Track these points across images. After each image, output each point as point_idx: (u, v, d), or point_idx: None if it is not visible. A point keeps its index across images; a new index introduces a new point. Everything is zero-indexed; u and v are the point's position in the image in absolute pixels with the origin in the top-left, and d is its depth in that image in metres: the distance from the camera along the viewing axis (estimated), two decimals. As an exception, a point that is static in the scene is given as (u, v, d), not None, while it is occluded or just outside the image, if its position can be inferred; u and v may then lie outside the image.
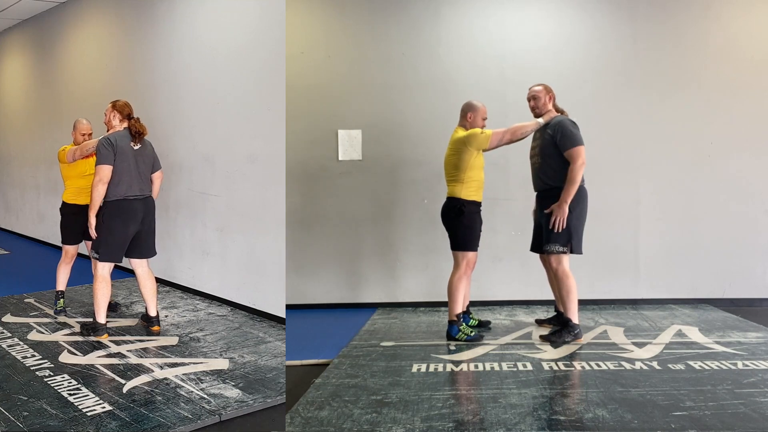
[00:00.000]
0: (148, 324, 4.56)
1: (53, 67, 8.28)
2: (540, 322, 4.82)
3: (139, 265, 4.52)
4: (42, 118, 8.63)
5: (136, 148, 4.39)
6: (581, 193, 4.35)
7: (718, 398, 3.19)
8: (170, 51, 5.88)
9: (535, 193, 4.58)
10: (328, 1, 5.73)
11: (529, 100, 4.47)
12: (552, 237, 4.29)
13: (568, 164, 4.24)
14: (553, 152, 4.28)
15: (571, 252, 4.31)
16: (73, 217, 4.89)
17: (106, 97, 6.92)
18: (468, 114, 4.45)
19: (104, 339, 4.31)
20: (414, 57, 5.63)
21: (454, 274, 4.41)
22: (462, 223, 4.37)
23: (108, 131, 4.45)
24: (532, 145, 4.55)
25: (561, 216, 4.22)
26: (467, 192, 4.37)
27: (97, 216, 4.33)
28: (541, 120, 4.37)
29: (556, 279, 4.37)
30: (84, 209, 4.91)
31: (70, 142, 5.10)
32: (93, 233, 4.30)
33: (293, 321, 5.07)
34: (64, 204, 4.91)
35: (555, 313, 4.76)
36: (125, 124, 4.39)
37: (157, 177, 4.60)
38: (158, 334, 4.46)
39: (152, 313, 4.55)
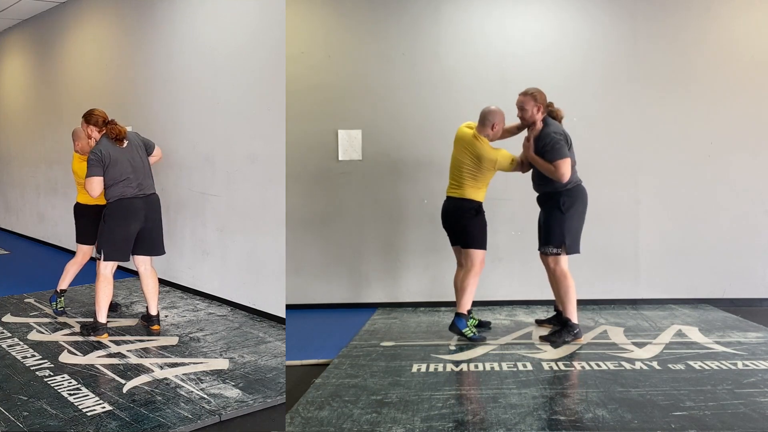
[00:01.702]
0: (148, 323, 4.57)
1: (53, 67, 8.28)
2: (540, 323, 4.82)
3: (142, 262, 4.52)
4: (42, 118, 8.63)
5: (123, 147, 4.38)
6: (578, 192, 4.36)
7: (718, 398, 3.19)
8: (170, 51, 5.88)
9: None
10: (328, 1, 5.73)
11: (517, 108, 4.40)
12: (547, 238, 4.33)
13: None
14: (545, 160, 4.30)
15: (567, 252, 4.32)
16: (88, 219, 4.87)
17: (106, 97, 6.94)
18: (494, 124, 4.36)
19: (104, 339, 4.31)
20: (414, 57, 5.63)
21: (470, 271, 4.40)
22: (477, 223, 4.40)
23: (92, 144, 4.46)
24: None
25: (526, 150, 4.35)
26: (479, 194, 4.42)
27: (100, 216, 4.40)
28: (526, 143, 4.39)
29: (554, 279, 4.38)
30: (96, 209, 4.90)
31: (68, 141, 5.09)
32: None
33: (293, 321, 5.07)
34: (77, 204, 4.92)
35: (555, 313, 4.76)
36: (102, 132, 4.39)
37: (155, 155, 4.67)
38: (158, 333, 4.46)
39: (153, 312, 4.55)
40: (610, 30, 5.52)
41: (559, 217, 4.30)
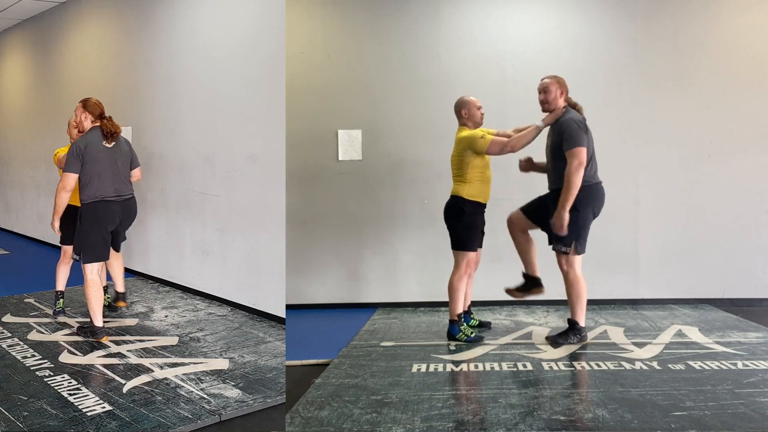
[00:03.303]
0: (116, 299, 4.88)
1: (53, 67, 8.28)
2: (510, 291, 4.63)
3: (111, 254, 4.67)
4: (42, 118, 8.63)
5: (109, 146, 4.32)
6: (594, 191, 4.26)
7: (718, 398, 3.19)
8: (170, 51, 5.88)
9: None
10: (328, 1, 5.73)
11: (539, 92, 4.32)
12: (558, 236, 4.22)
13: None
14: (561, 153, 4.18)
15: (576, 252, 4.25)
16: (72, 218, 4.88)
17: (105, 98, 6.91)
18: (462, 111, 4.43)
19: (105, 341, 4.30)
20: (414, 57, 5.63)
21: (454, 274, 4.40)
22: (462, 223, 4.36)
23: (78, 133, 4.41)
24: (546, 143, 4.47)
25: (560, 223, 4.09)
26: (469, 191, 4.35)
27: (76, 219, 4.38)
28: (540, 123, 4.28)
29: (567, 281, 4.27)
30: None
31: (67, 142, 5.11)
32: (56, 231, 4.51)
33: (293, 321, 5.07)
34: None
35: (524, 281, 4.61)
36: (97, 124, 4.34)
37: (134, 175, 4.60)
38: (124, 309, 4.82)
39: (120, 288, 4.86)
40: (610, 30, 5.52)
41: (573, 215, 4.16)
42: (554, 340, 4.28)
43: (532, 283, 4.56)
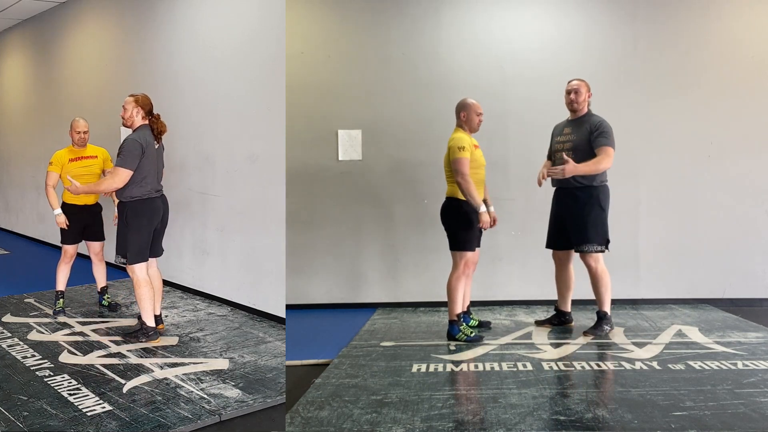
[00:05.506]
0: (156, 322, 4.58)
1: (53, 67, 8.28)
2: (540, 323, 4.82)
3: (150, 264, 4.48)
4: (42, 118, 8.63)
5: (156, 146, 4.31)
6: (608, 191, 4.44)
7: (718, 398, 3.19)
8: (170, 51, 5.88)
9: (554, 189, 4.61)
10: (328, 1, 5.73)
11: (569, 92, 4.46)
12: (587, 237, 4.35)
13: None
14: (588, 148, 4.32)
15: (605, 248, 4.41)
16: (72, 217, 4.88)
17: (105, 98, 6.94)
18: (461, 113, 4.43)
19: (157, 343, 4.25)
20: (414, 57, 5.63)
21: (453, 274, 4.41)
22: (459, 223, 4.37)
23: (130, 127, 4.26)
24: (558, 140, 4.53)
25: (565, 169, 4.20)
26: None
27: (121, 216, 4.22)
28: (483, 208, 4.21)
29: (595, 277, 4.42)
30: (83, 209, 4.91)
31: (68, 143, 5.11)
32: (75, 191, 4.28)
33: (293, 321, 5.07)
34: (63, 204, 4.91)
35: (555, 312, 4.77)
36: (146, 121, 4.25)
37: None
38: (162, 333, 4.45)
39: (157, 312, 4.54)
40: (610, 31, 5.52)
41: (600, 213, 4.37)
42: (592, 333, 4.40)
43: (562, 317, 4.74)
